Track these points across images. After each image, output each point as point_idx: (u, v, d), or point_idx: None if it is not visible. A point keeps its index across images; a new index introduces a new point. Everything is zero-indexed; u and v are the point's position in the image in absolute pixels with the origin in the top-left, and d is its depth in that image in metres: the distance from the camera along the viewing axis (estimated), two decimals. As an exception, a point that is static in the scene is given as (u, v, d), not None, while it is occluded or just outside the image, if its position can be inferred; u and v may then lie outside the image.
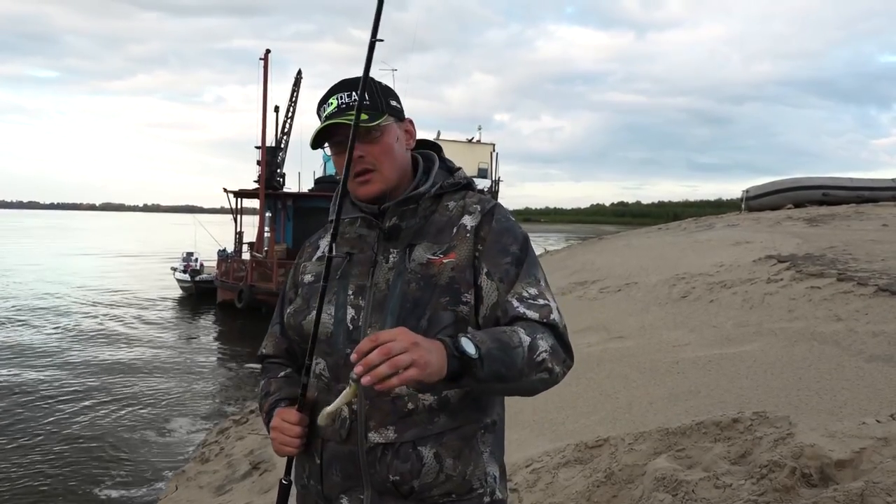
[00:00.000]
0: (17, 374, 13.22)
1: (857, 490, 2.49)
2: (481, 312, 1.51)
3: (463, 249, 1.53)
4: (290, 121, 28.46)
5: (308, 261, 1.72)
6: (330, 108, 1.57)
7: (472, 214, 1.58)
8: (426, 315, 1.49)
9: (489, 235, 1.54)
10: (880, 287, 5.39)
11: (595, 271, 10.25)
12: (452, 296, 1.50)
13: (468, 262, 1.52)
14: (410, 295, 1.51)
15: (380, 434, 1.49)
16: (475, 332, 1.39)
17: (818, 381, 3.92)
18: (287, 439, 1.53)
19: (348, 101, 1.55)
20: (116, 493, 7.80)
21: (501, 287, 1.50)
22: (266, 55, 25.84)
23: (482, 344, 1.34)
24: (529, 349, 1.40)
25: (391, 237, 1.58)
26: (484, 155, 33.13)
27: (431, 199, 1.61)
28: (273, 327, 1.79)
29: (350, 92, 1.56)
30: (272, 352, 1.77)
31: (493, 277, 1.51)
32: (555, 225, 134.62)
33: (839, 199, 17.37)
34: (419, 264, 1.53)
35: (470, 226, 1.56)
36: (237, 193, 27.14)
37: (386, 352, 1.22)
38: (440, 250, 1.54)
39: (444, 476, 1.51)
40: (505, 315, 1.49)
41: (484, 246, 1.53)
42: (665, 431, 3.52)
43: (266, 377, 1.74)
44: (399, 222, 1.58)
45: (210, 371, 14.58)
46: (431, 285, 1.51)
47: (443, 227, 1.57)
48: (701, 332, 5.65)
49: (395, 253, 1.56)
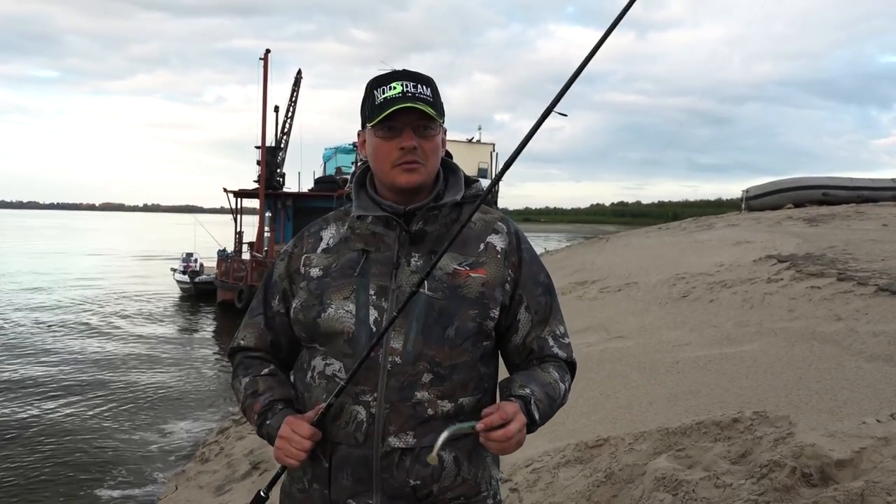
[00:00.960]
0: (15, 372, 13.21)
1: (857, 490, 2.49)
2: (514, 341, 1.63)
3: (493, 268, 1.57)
4: (290, 121, 28.45)
5: (312, 253, 1.64)
6: (393, 91, 1.53)
7: (500, 234, 1.62)
8: (454, 325, 1.51)
9: (523, 266, 1.62)
10: (880, 287, 5.39)
11: (595, 271, 10.25)
12: (481, 310, 1.54)
13: (498, 281, 1.57)
14: (437, 303, 1.51)
15: (399, 439, 1.49)
16: (535, 391, 1.53)
17: (818, 380, 3.92)
18: (294, 452, 1.48)
19: (414, 91, 1.53)
20: (116, 493, 7.80)
21: (535, 319, 1.63)
22: (266, 55, 25.84)
23: (540, 404, 1.52)
24: (562, 397, 1.61)
25: (416, 241, 1.57)
26: (484, 155, 33.11)
27: (451, 208, 1.61)
28: (255, 318, 1.70)
29: (417, 84, 1.54)
30: (253, 344, 1.69)
31: (530, 311, 1.62)
32: (554, 225, 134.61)
33: (839, 199, 17.35)
34: (445, 273, 1.54)
35: (500, 247, 1.61)
36: (237, 193, 27.12)
37: (508, 435, 1.41)
38: (466, 262, 1.56)
39: (461, 479, 1.54)
40: (540, 351, 1.63)
41: (518, 275, 1.61)
42: (665, 431, 3.52)
43: (248, 374, 1.65)
44: (424, 227, 1.57)
45: (210, 371, 14.56)
46: (458, 296, 1.53)
47: (468, 240, 1.58)
48: (701, 332, 5.65)
49: (418, 257, 1.55)
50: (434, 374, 1.50)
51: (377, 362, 1.50)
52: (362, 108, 1.59)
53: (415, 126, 1.53)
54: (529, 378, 1.57)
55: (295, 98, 28.49)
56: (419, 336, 1.50)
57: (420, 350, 1.50)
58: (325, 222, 1.70)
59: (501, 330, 1.61)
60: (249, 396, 1.62)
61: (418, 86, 1.54)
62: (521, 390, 1.51)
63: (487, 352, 1.59)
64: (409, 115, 1.52)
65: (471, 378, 1.54)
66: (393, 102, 1.51)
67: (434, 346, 1.50)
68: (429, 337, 1.50)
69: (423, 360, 1.49)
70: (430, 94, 1.54)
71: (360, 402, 1.51)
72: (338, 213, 1.70)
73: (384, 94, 1.53)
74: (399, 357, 1.50)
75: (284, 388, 1.63)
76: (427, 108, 1.51)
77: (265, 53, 25.86)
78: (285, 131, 28.39)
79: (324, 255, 1.62)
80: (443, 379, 1.51)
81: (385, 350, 1.50)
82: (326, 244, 1.64)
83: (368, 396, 1.50)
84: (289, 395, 1.61)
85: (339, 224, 1.67)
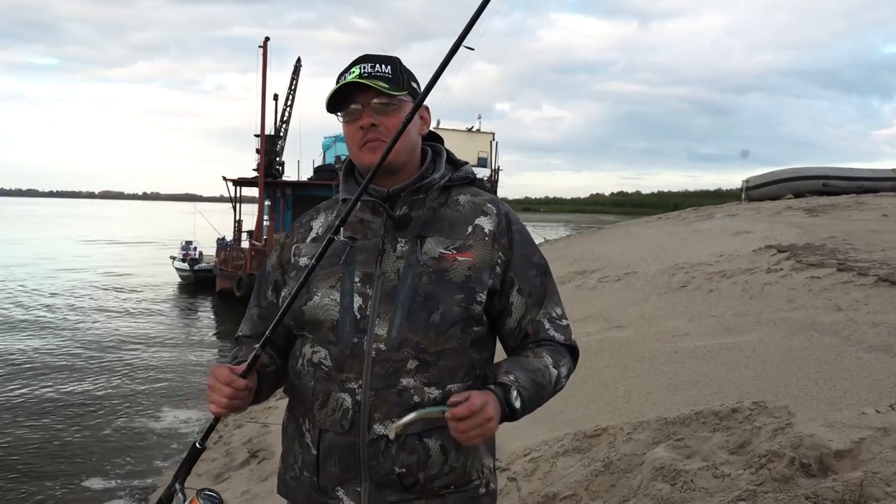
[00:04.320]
0: (10, 362, 13.23)
1: (856, 480, 2.48)
2: (508, 324, 1.60)
3: (480, 251, 1.54)
4: (290, 109, 28.38)
5: (301, 242, 1.66)
6: (351, 76, 1.54)
7: (489, 216, 1.59)
8: (439, 310, 1.49)
9: (514, 248, 1.58)
10: (880, 277, 5.38)
11: (594, 261, 10.23)
12: (467, 294, 1.51)
13: (486, 264, 1.54)
14: (422, 288, 1.50)
15: (385, 426, 1.48)
16: (519, 377, 1.48)
17: (818, 371, 3.92)
18: (215, 398, 1.47)
19: (371, 70, 1.53)
20: (114, 482, 7.80)
21: (530, 302, 1.59)
22: (265, 43, 25.70)
23: (523, 391, 1.47)
24: (554, 383, 1.56)
25: (400, 226, 1.55)
26: (484, 144, 33.04)
27: (439, 191, 1.59)
28: (250, 310, 1.74)
29: (374, 64, 1.55)
30: (249, 334, 1.73)
31: (523, 293, 1.59)
32: (554, 214, 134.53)
33: (839, 190, 17.35)
34: (431, 258, 1.52)
35: (488, 229, 1.57)
36: (236, 182, 27.09)
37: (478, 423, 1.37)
38: (453, 246, 1.54)
39: (449, 467, 1.52)
40: (535, 335, 1.60)
41: (508, 257, 1.57)
42: (664, 421, 3.52)
43: (239, 349, 1.70)
44: (409, 211, 1.56)
45: (208, 359, 14.56)
46: (444, 280, 1.51)
47: (455, 223, 1.56)
48: (700, 322, 5.65)
49: (404, 242, 1.54)
50: (419, 360, 1.49)
51: (362, 349, 1.49)
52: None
53: (374, 106, 1.53)
54: (515, 364, 1.55)
55: (294, 86, 28.40)
56: (404, 322, 1.49)
57: (405, 336, 1.48)
58: (315, 212, 1.71)
59: (495, 314, 1.59)
60: (231, 360, 1.65)
61: (376, 65, 1.54)
62: (504, 377, 1.49)
63: (480, 337, 1.57)
64: (367, 94, 1.52)
65: (460, 364, 1.52)
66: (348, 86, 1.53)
67: (419, 332, 1.48)
68: (414, 323, 1.49)
69: (407, 346, 1.48)
70: (388, 72, 1.54)
71: (346, 390, 1.50)
72: (329, 201, 1.71)
73: (344, 79, 1.54)
74: (384, 344, 1.48)
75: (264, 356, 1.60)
76: (377, 83, 1.51)
77: (264, 41, 25.72)
78: (284, 120, 28.32)
79: (312, 245, 1.63)
80: (429, 365, 1.49)
81: (370, 337, 1.49)
82: (316, 233, 1.65)
83: (354, 384, 1.50)
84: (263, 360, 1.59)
85: (328, 213, 1.68)
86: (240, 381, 1.47)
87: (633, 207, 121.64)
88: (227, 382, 1.46)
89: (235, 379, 1.46)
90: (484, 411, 1.38)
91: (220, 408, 1.47)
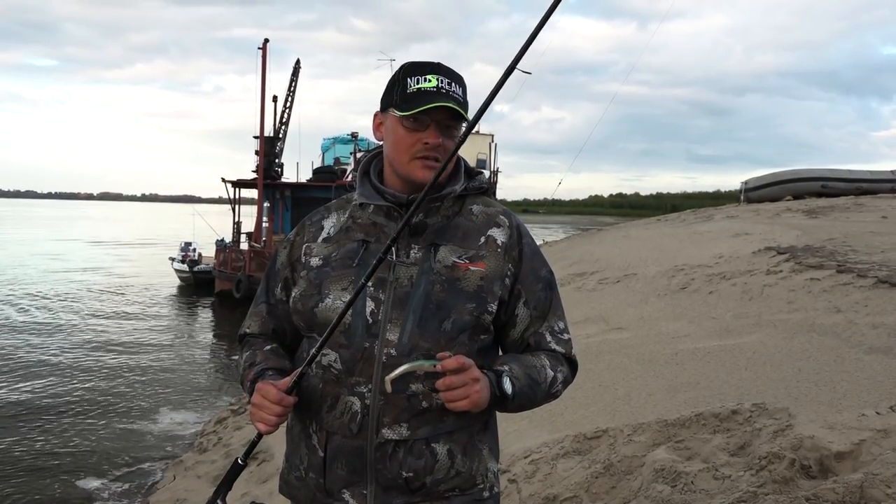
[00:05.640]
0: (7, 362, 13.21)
1: (856, 482, 2.48)
2: (512, 336, 1.62)
3: (492, 262, 1.56)
4: (289, 110, 28.34)
5: (312, 242, 1.64)
6: (428, 84, 1.52)
7: (501, 228, 1.60)
8: (450, 318, 1.50)
9: (524, 260, 1.60)
10: (880, 279, 5.38)
11: (594, 262, 10.23)
12: (479, 304, 1.52)
13: (497, 275, 1.55)
14: (434, 296, 1.50)
15: (393, 430, 1.49)
16: (514, 368, 1.51)
17: (817, 372, 3.92)
18: (265, 417, 1.47)
19: (448, 88, 1.52)
20: (114, 483, 7.79)
21: (535, 314, 1.61)
22: (264, 44, 25.68)
23: (517, 381, 1.50)
24: (550, 384, 1.58)
25: (415, 232, 1.55)
26: (482, 146, 33.02)
27: (454, 200, 1.60)
28: (258, 306, 1.73)
29: (451, 81, 1.53)
30: (257, 331, 1.71)
31: (528, 306, 1.61)
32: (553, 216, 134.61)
33: (838, 191, 17.35)
34: (444, 266, 1.53)
35: (500, 241, 1.58)
36: (235, 183, 27.05)
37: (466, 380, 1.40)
38: (466, 255, 1.54)
39: (455, 472, 1.53)
40: (537, 346, 1.62)
41: (518, 269, 1.59)
42: (664, 423, 3.52)
43: (250, 349, 1.68)
44: (425, 218, 1.56)
45: (208, 361, 14.56)
46: (457, 289, 1.51)
47: (469, 233, 1.57)
48: (700, 324, 5.65)
49: (417, 249, 1.54)
50: None
51: (372, 354, 1.49)
52: (389, 91, 1.57)
53: (442, 124, 1.52)
54: (512, 358, 1.58)
55: (294, 88, 28.37)
56: (415, 328, 1.49)
57: (415, 342, 1.49)
58: (326, 211, 1.69)
59: (499, 325, 1.61)
60: (247, 367, 1.64)
61: (452, 83, 1.53)
62: (499, 366, 1.53)
63: (485, 346, 1.58)
64: (439, 111, 1.51)
65: None
66: (427, 96, 1.50)
67: (430, 338, 1.49)
68: (425, 330, 1.49)
69: (417, 352, 1.48)
70: (461, 94, 1.54)
71: (355, 394, 1.51)
72: (339, 201, 1.70)
73: (418, 84, 1.52)
74: (394, 349, 1.49)
75: (280, 360, 1.63)
76: (459, 109, 1.51)
77: (264, 43, 25.70)
78: (284, 121, 28.29)
79: (324, 245, 1.62)
80: (437, 372, 1.49)
81: (381, 341, 1.49)
82: (327, 233, 1.64)
83: (363, 388, 1.50)
84: (283, 366, 1.61)
85: (340, 213, 1.66)
86: (289, 399, 1.48)
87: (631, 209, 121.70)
88: (277, 401, 1.46)
89: (285, 397, 1.47)
90: (472, 371, 1.41)
91: (271, 426, 1.48)
